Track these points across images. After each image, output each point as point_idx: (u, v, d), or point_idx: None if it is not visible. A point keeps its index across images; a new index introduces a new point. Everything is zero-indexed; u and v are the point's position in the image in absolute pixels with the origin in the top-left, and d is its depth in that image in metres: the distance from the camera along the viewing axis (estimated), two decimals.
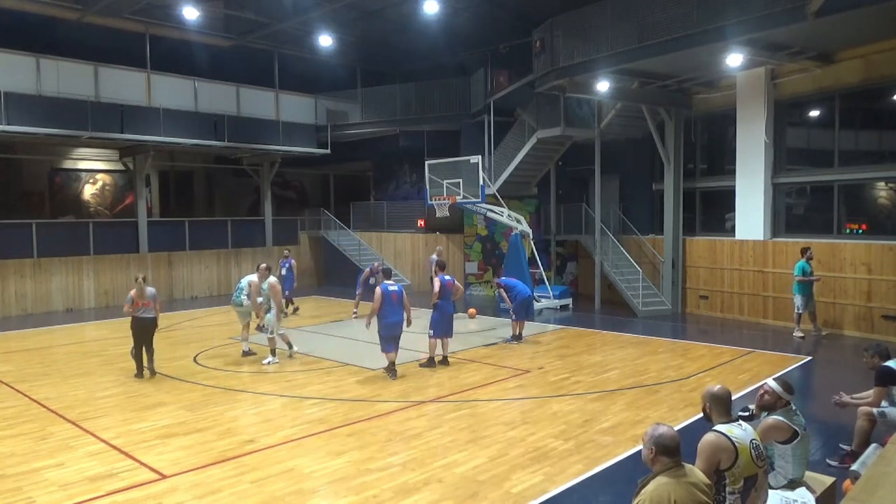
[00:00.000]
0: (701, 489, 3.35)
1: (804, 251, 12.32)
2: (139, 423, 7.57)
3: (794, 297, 12.37)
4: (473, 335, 13.05)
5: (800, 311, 12.30)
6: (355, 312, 15.34)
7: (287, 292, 15.07)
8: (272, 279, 10.67)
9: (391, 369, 9.60)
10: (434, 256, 14.54)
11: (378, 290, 9.53)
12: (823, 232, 13.44)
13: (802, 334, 12.30)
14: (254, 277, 11.06)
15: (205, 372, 10.10)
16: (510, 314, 12.34)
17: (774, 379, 4.83)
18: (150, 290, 9.73)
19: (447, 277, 10.58)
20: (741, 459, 3.75)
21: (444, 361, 10.42)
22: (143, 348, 9.68)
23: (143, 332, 9.62)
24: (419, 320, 11.09)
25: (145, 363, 9.72)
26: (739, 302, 14.70)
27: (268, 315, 10.69)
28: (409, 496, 5.50)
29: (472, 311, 15.40)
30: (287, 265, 15.98)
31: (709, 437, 3.83)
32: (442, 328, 10.39)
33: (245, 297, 10.96)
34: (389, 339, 9.60)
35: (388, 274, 10.19)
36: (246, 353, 11.08)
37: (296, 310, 16.00)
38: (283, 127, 20.44)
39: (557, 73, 14.05)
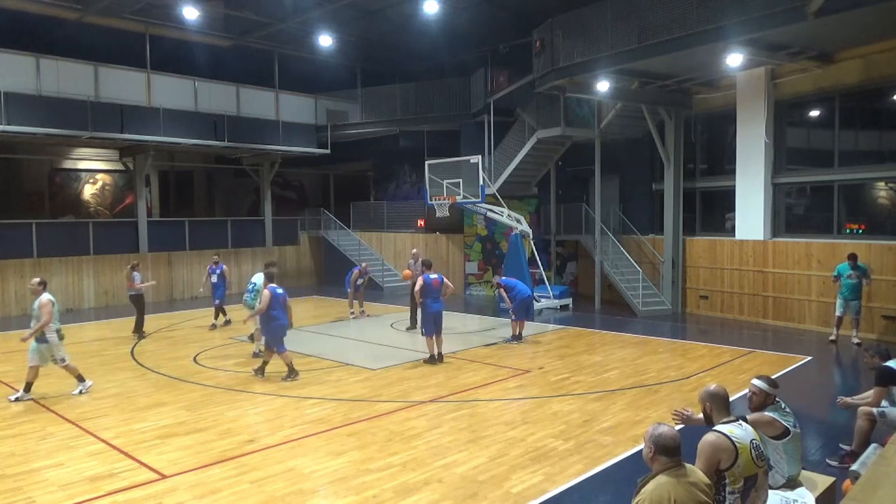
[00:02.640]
0: (701, 489, 3.35)
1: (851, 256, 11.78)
2: (139, 423, 7.57)
3: (854, 303, 11.70)
4: (473, 335, 13.06)
5: (839, 314, 11.81)
6: (353, 313, 15.40)
7: (217, 301, 14.07)
8: (45, 297, 8.83)
9: (292, 370, 9.56)
10: (411, 261, 14.33)
11: (267, 292, 9.50)
12: (823, 232, 13.45)
13: (859, 340, 11.63)
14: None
15: (205, 372, 10.11)
16: (510, 314, 12.35)
17: (758, 377, 4.85)
18: (135, 274, 12.88)
19: (433, 276, 10.62)
20: (741, 459, 3.75)
21: (440, 358, 10.47)
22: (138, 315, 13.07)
23: (133, 304, 13.04)
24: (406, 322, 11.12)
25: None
26: (739, 302, 14.70)
27: (37, 343, 8.79)
28: (409, 496, 5.50)
29: (406, 272, 14.29)
30: (218, 271, 14.24)
31: (709, 437, 3.83)
32: (428, 326, 10.45)
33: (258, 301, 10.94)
34: (279, 340, 9.59)
35: (271, 278, 10.03)
36: (256, 355, 11.11)
37: (227, 322, 14.25)
38: (283, 127, 20.43)
39: (557, 73, 14.05)
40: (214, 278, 14.24)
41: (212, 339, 12.82)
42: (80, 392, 8.95)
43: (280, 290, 9.70)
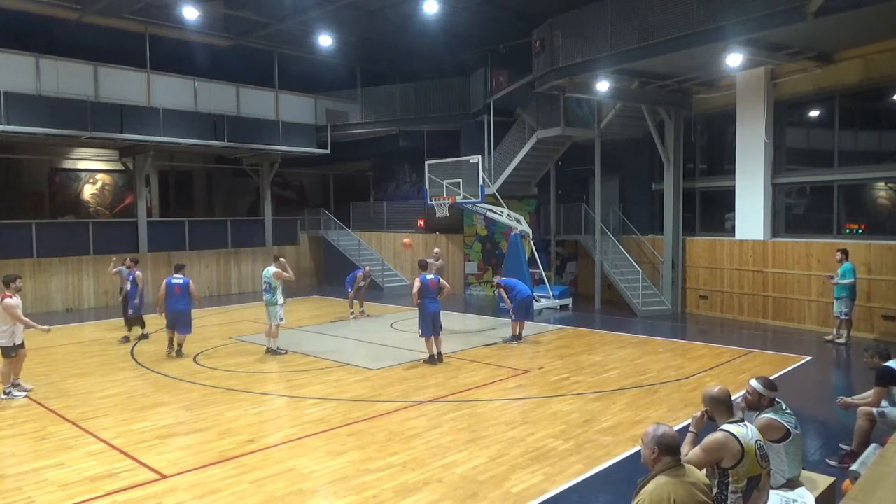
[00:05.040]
0: (701, 489, 3.36)
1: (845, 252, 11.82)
2: (139, 423, 7.57)
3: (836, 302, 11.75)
4: (473, 335, 13.05)
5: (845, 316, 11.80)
6: (352, 313, 15.40)
7: (131, 310, 12.62)
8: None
9: (179, 350, 11.23)
10: (430, 260, 14.22)
11: (164, 282, 11.32)
12: (823, 232, 13.45)
13: (831, 338, 11.82)
14: (274, 268, 11.24)
15: (205, 372, 10.11)
16: (510, 314, 12.34)
17: (756, 378, 4.85)
18: (123, 269, 13.29)
19: (429, 277, 10.61)
20: (746, 459, 3.77)
21: (439, 358, 10.47)
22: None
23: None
24: (410, 322, 11.09)
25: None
26: (739, 302, 14.70)
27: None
28: (409, 496, 5.50)
29: (406, 240, 15.99)
30: (132, 277, 12.70)
31: (717, 435, 3.87)
32: (426, 327, 10.44)
33: (280, 295, 11.11)
34: (170, 324, 11.22)
35: (178, 269, 11.67)
36: (272, 352, 11.27)
37: (144, 336, 12.80)
38: (283, 127, 20.43)
39: (557, 73, 14.04)
40: (128, 285, 12.74)
41: (211, 339, 12.81)
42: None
43: (176, 280, 11.23)
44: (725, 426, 3.94)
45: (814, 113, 14.19)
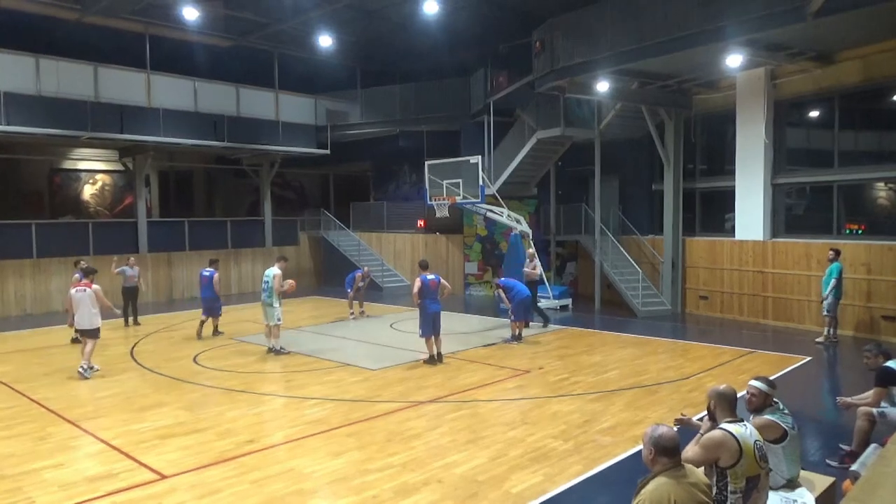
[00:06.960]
0: (701, 489, 3.36)
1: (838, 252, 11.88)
2: (139, 423, 7.57)
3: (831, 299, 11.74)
4: (473, 335, 13.05)
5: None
6: (352, 313, 15.40)
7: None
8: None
9: (215, 329, 12.92)
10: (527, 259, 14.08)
11: (199, 273, 13.12)
12: (823, 232, 13.45)
13: (821, 339, 11.87)
14: (276, 270, 11.21)
15: (205, 372, 10.11)
16: (509, 314, 12.35)
17: (756, 378, 4.84)
18: (126, 269, 14.64)
19: (430, 277, 10.58)
20: (745, 459, 3.77)
21: (439, 358, 10.48)
22: (130, 305, 14.60)
23: (128, 295, 14.64)
24: (410, 322, 11.08)
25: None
26: (739, 302, 14.70)
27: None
28: (409, 496, 5.50)
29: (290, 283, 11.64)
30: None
31: (715, 433, 3.88)
32: (427, 327, 10.44)
33: (276, 297, 11.10)
34: (204, 309, 12.81)
35: (211, 263, 13.13)
36: (275, 351, 11.24)
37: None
38: (283, 127, 20.44)
39: (557, 73, 14.04)
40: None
41: (212, 339, 12.81)
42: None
43: (206, 273, 12.80)
44: (724, 425, 3.94)
45: (814, 113, 14.19)
